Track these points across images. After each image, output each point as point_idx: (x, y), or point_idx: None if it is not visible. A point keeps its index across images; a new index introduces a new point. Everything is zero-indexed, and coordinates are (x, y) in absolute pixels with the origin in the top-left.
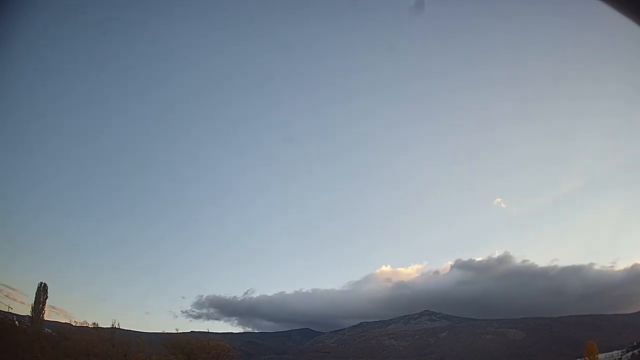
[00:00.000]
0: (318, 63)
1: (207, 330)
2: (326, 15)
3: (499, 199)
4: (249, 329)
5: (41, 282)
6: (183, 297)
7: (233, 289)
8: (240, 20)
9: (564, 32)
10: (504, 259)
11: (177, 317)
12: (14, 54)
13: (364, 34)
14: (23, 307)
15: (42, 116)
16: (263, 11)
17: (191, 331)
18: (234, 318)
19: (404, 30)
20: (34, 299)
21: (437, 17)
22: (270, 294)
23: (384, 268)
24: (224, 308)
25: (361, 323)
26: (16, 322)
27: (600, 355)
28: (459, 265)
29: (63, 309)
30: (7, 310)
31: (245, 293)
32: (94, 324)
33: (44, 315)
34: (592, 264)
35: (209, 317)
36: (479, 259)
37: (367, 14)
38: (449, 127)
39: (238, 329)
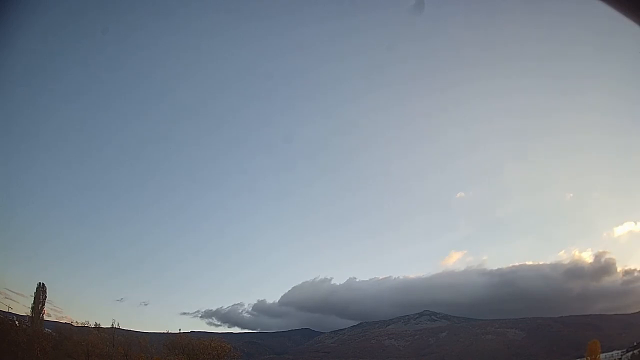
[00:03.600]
0: (318, 64)
1: (207, 331)
2: (326, 15)
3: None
4: (249, 329)
5: (40, 283)
6: (183, 301)
7: (234, 297)
8: (240, 21)
9: (564, 32)
10: None
11: (177, 317)
12: (15, 54)
13: (363, 34)
14: (23, 307)
15: (42, 118)
16: (262, 12)
17: (191, 331)
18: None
19: (404, 30)
20: (33, 299)
21: (437, 17)
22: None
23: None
24: (222, 317)
25: (361, 323)
26: (16, 322)
27: (600, 355)
28: None
29: (63, 309)
30: (7, 310)
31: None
32: (96, 324)
33: (44, 315)
34: None
35: (208, 320)
36: None
37: (366, 14)
38: (449, 129)
39: (238, 329)
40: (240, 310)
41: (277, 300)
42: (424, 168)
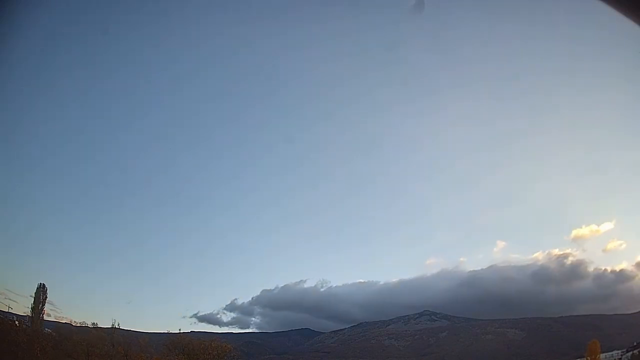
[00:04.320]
0: (318, 64)
1: (208, 331)
2: (326, 15)
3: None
4: (249, 329)
5: (40, 283)
6: (170, 302)
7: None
8: (240, 22)
9: (564, 32)
10: None
11: (177, 317)
12: (16, 55)
13: (363, 35)
14: (23, 307)
15: (43, 118)
16: (263, 12)
17: (191, 331)
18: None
19: (404, 30)
20: (33, 299)
21: (437, 17)
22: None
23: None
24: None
25: (361, 323)
26: (16, 322)
27: (601, 355)
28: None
29: (63, 309)
30: (7, 310)
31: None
32: (93, 324)
33: (44, 315)
34: None
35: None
36: None
37: (367, 14)
38: (451, 129)
39: (238, 329)
40: (218, 314)
41: (253, 303)
42: (408, 175)
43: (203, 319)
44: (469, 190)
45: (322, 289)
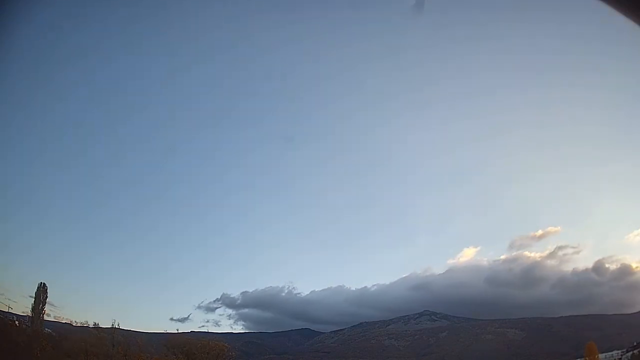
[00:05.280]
0: (317, 63)
1: (207, 331)
2: (326, 14)
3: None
4: (249, 329)
5: (41, 282)
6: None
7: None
8: (240, 21)
9: (564, 32)
10: None
11: (176, 317)
12: (13, 52)
13: (364, 34)
14: (23, 307)
15: (40, 116)
16: (262, 11)
17: (191, 331)
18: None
19: (404, 30)
20: (33, 299)
21: (437, 15)
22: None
23: None
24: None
25: (361, 323)
26: (16, 322)
27: (600, 355)
28: None
29: (63, 309)
30: (7, 310)
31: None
32: (94, 324)
33: (44, 315)
34: None
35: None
36: None
37: (367, 14)
38: (448, 129)
39: (238, 329)
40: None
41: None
42: (386, 180)
43: (181, 320)
44: (448, 194)
45: (284, 293)
